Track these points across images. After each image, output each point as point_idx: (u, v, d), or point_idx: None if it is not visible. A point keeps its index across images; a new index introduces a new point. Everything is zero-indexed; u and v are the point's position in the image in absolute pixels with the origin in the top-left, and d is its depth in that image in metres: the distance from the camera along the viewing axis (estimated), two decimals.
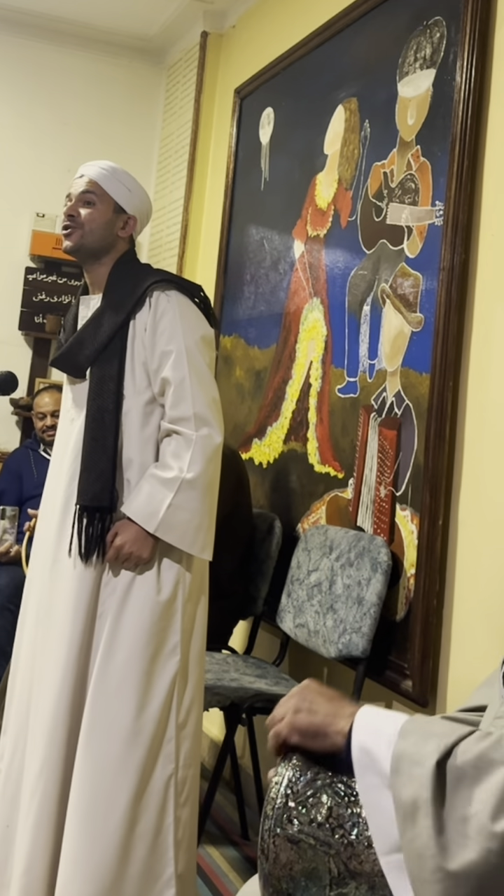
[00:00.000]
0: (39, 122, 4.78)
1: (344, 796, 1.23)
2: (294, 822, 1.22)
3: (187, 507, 2.20)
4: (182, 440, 2.22)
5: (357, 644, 2.48)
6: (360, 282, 2.85)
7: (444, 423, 2.37)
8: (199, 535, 2.23)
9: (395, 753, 1.17)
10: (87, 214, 2.36)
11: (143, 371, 2.28)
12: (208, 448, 2.22)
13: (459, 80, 2.42)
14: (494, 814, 1.08)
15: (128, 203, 2.39)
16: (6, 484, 3.99)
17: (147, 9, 4.46)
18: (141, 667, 2.19)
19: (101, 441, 2.24)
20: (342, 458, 2.88)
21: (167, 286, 2.31)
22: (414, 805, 1.13)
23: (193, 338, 2.27)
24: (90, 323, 2.33)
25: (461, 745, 1.15)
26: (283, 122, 3.56)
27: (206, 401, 2.25)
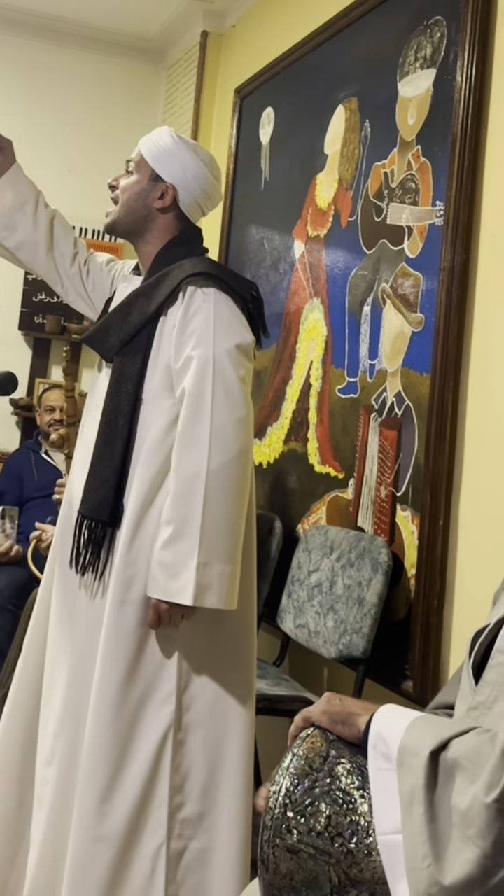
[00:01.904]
0: (39, 122, 4.77)
1: (342, 804, 1.23)
2: (293, 831, 1.22)
3: (219, 559, 1.90)
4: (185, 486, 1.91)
5: (357, 644, 2.48)
6: (361, 282, 2.85)
7: (445, 424, 2.37)
8: (234, 586, 1.92)
9: (400, 748, 1.20)
10: (123, 183, 2.14)
11: (166, 373, 2.01)
12: (223, 480, 1.91)
13: (460, 79, 2.42)
14: (488, 788, 1.10)
15: (166, 169, 2.09)
16: (6, 485, 3.99)
17: (147, 9, 4.46)
18: (119, 714, 1.92)
19: (109, 446, 2.01)
20: (342, 458, 2.88)
21: (205, 282, 2.01)
22: (411, 794, 1.16)
23: (226, 345, 1.96)
24: (120, 307, 2.09)
25: (458, 738, 1.17)
26: (283, 122, 3.55)
27: (228, 421, 1.93)
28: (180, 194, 2.11)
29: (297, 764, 1.26)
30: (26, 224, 2.23)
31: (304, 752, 1.27)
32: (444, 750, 1.17)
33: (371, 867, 1.20)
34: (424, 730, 1.21)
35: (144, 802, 1.93)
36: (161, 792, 1.93)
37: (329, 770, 1.26)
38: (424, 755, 1.16)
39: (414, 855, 1.13)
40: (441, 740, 1.17)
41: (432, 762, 1.16)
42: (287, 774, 1.25)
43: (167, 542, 1.92)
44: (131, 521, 1.99)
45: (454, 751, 1.16)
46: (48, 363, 4.86)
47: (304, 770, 1.26)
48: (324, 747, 1.28)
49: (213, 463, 1.91)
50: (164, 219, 2.13)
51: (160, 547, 1.93)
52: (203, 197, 2.15)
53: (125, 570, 1.99)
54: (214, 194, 2.17)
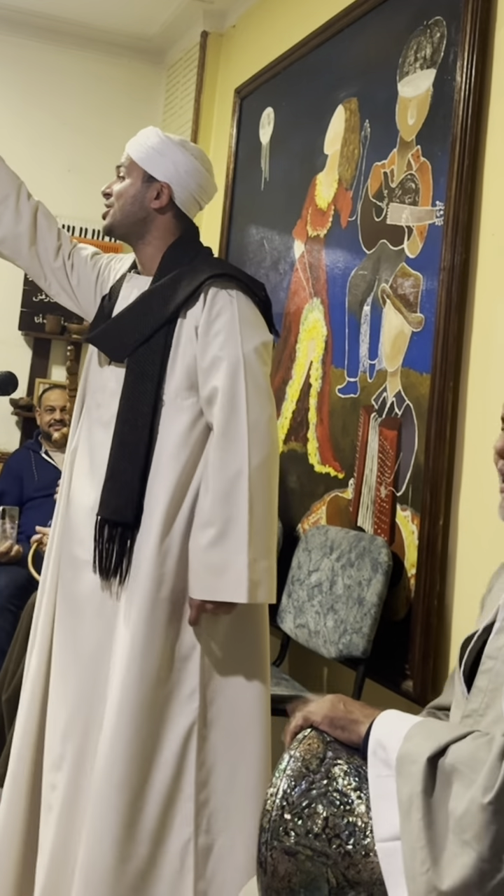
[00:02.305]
0: (39, 122, 4.77)
1: (339, 805, 1.24)
2: (290, 833, 1.22)
3: (263, 555, 1.92)
4: (228, 485, 1.91)
5: (357, 644, 2.48)
6: (361, 282, 2.85)
7: (445, 423, 2.37)
8: (274, 579, 1.94)
9: (398, 756, 1.21)
10: (117, 189, 2.12)
11: (187, 374, 2.00)
12: (263, 478, 1.93)
13: (459, 80, 2.42)
14: (485, 790, 1.11)
15: (158, 169, 2.07)
16: (6, 485, 3.99)
17: (147, 9, 4.46)
18: (145, 712, 1.93)
19: (130, 448, 1.98)
20: (342, 458, 2.88)
21: (228, 283, 2.01)
22: (409, 800, 1.17)
23: (253, 344, 1.98)
24: (134, 307, 2.06)
25: (456, 744, 1.18)
26: (283, 122, 3.56)
27: (262, 417, 1.95)
28: (175, 192, 2.09)
29: (293, 766, 1.26)
30: (9, 217, 2.18)
31: (301, 754, 1.28)
32: (441, 756, 1.17)
33: (369, 868, 1.21)
34: (423, 737, 1.21)
35: (171, 799, 1.93)
36: (187, 788, 1.94)
37: (326, 771, 1.26)
38: (422, 761, 1.17)
39: (413, 861, 1.14)
40: (439, 746, 1.18)
41: (430, 768, 1.17)
42: (284, 776, 1.26)
43: (213, 543, 1.92)
44: (160, 521, 1.98)
45: (452, 756, 1.17)
46: (48, 363, 4.86)
47: (301, 772, 1.26)
48: (321, 749, 1.29)
49: (254, 461, 1.92)
50: (163, 219, 2.11)
51: (205, 548, 1.93)
52: (198, 191, 2.13)
53: (155, 570, 1.97)
54: (209, 186, 2.16)
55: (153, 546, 1.98)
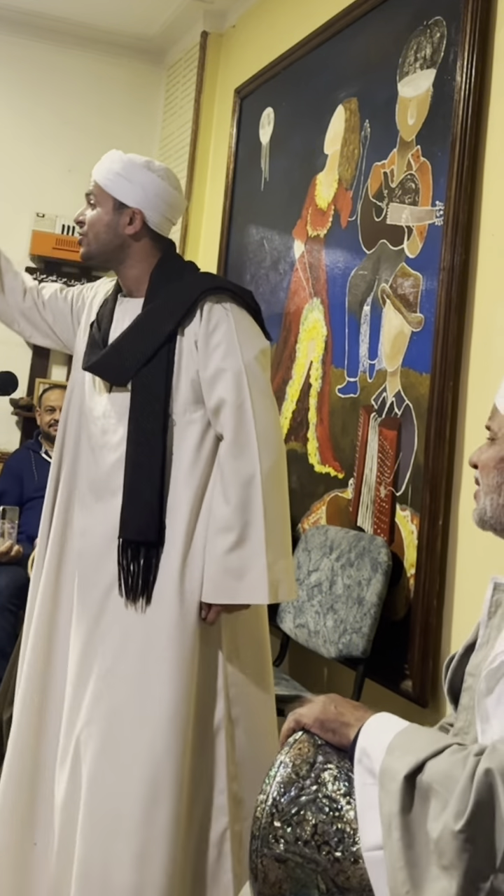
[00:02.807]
0: (40, 122, 4.78)
1: (329, 812, 1.24)
2: (280, 841, 1.23)
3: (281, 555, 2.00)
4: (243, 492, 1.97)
5: (357, 644, 2.48)
6: (360, 282, 2.85)
7: (444, 423, 2.37)
8: (293, 578, 2.03)
9: (380, 769, 1.21)
10: (89, 218, 2.14)
11: (191, 388, 2.04)
12: (275, 481, 2.00)
13: (459, 80, 2.42)
14: (456, 816, 1.11)
15: (128, 195, 2.09)
16: (6, 485, 3.99)
17: (147, 9, 4.46)
18: (180, 710, 1.99)
19: (146, 468, 2.02)
20: (342, 458, 2.88)
21: (221, 295, 2.06)
22: (388, 818, 1.17)
23: (252, 353, 2.03)
24: (131, 330, 2.08)
25: (432, 761, 1.17)
26: (283, 122, 3.56)
27: (270, 423, 2.02)
28: (147, 215, 2.11)
29: (283, 773, 1.27)
30: None
31: (291, 760, 1.28)
32: (419, 772, 1.17)
33: (358, 874, 1.21)
34: (403, 750, 1.21)
35: (208, 793, 2.03)
36: (220, 782, 2.03)
37: (316, 777, 1.27)
38: (399, 779, 1.17)
39: (394, 880, 1.14)
40: (416, 763, 1.17)
41: (408, 786, 1.16)
42: (274, 783, 1.26)
43: (232, 548, 1.98)
44: (182, 536, 2.03)
45: (428, 774, 1.16)
46: (48, 363, 4.86)
47: (291, 778, 1.26)
48: (311, 753, 1.29)
49: (265, 465, 1.99)
50: (140, 244, 2.13)
51: (224, 553, 1.98)
52: (169, 210, 2.15)
53: (183, 584, 2.02)
54: (178, 203, 2.18)
55: (177, 561, 2.02)
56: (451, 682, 1.46)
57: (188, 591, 2.03)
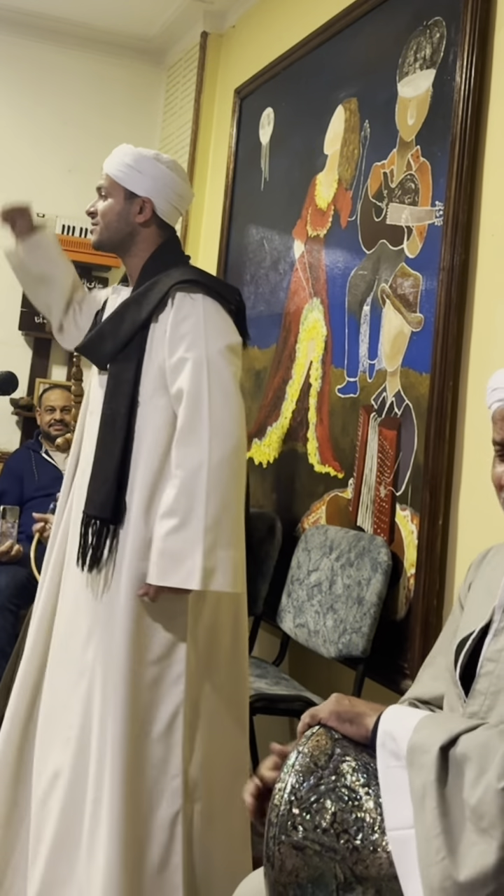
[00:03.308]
0: (40, 122, 4.78)
1: (348, 801, 1.24)
2: (299, 828, 1.22)
3: (222, 545, 2.02)
4: (189, 478, 2.02)
5: (357, 644, 2.49)
6: (360, 282, 2.85)
7: (444, 423, 2.38)
8: (239, 570, 2.06)
9: (409, 746, 1.22)
10: (101, 208, 2.26)
11: (159, 375, 2.12)
12: (225, 472, 2.03)
13: (459, 80, 2.42)
14: (499, 776, 1.12)
15: (138, 185, 2.22)
16: (7, 485, 3.99)
17: (147, 9, 4.46)
18: (135, 694, 2.05)
19: (109, 447, 2.11)
20: (342, 458, 2.88)
21: (192, 288, 2.14)
22: (423, 790, 1.17)
23: (217, 346, 2.09)
24: (112, 317, 2.21)
25: (467, 734, 1.19)
26: (283, 122, 3.56)
27: (225, 416, 2.05)
28: (156, 204, 2.24)
29: (302, 762, 1.27)
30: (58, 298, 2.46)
31: (310, 750, 1.28)
32: (453, 745, 1.18)
33: (377, 864, 1.21)
34: (433, 728, 1.22)
35: (161, 774, 2.06)
36: (174, 765, 2.06)
37: (334, 767, 1.27)
38: (434, 751, 1.18)
39: (427, 850, 1.14)
40: (450, 736, 1.19)
41: (442, 758, 1.17)
42: (293, 772, 1.26)
43: (172, 532, 2.02)
44: (139, 516, 2.09)
45: (463, 745, 1.17)
46: (48, 363, 4.86)
47: (310, 767, 1.26)
48: (329, 745, 1.29)
49: (214, 456, 2.02)
50: (147, 231, 2.25)
51: (163, 536, 2.03)
52: (177, 199, 2.28)
53: (139, 563, 2.08)
54: (186, 193, 2.31)
55: (134, 540, 2.09)
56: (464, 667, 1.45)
57: (144, 570, 2.07)
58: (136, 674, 2.06)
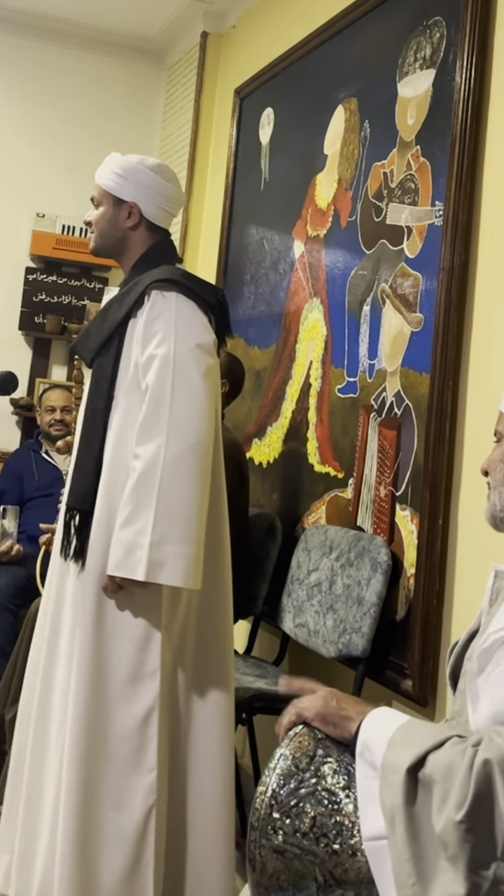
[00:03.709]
0: (40, 122, 4.78)
1: (328, 804, 1.25)
2: (279, 832, 1.24)
3: (173, 539, 2.04)
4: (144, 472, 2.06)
5: (357, 644, 2.49)
6: (360, 282, 2.85)
7: (444, 423, 2.38)
8: (191, 566, 2.06)
9: (381, 762, 1.22)
10: (94, 217, 2.35)
11: (135, 372, 2.17)
12: (180, 467, 2.05)
13: (459, 80, 2.42)
14: (458, 806, 1.12)
15: (123, 191, 2.30)
16: (7, 484, 3.99)
17: (147, 9, 4.46)
18: (111, 689, 2.09)
19: (90, 441, 2.18)
20: (342, 458, 2.88)
21: (167, 286, 2.18)
22: (392, 812, 1.18)
23: (187, 344, 2.11)
24: (97, 315, 2.29)
25: (434, 753, 1.18)
26: (283, 122, 3.56)
27: (186, 413, 2.07)
28: (143, 207, 2.30)
29: (283, 765, 1.28)
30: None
31: (291, 752, 1.29)
32: (421, 766, 1.18)
33: (355, 867, 1.22)
34: (404, 743, 1.22)
35: (133, 770, 2.09)
36: (149, 760, 2.08)
37: (315, 770, 1.27)
38: (402, 772, 1.18)
39: (400, 873, 1.15)
40: (417, 756, 1.18)
41: (410, 779, 1.17)
42: (274, 775, 1.27)
43: (125, 523, 2.07)
44: (102, 507, 2.15)
45: (430, 767, 1.17)
46: (48, 363, 4.87)
47: (291, 770, 1.27)
48: (311, 746, 1.30)
49: (170, 451, 2.05)
50: (137, 234, 2.32)
51: (119, 527, 2.09)
52: (165, 202, 2.32)
53: (101, 555, 2.13)
54: (173, 194, 2.34)
55: (98, 531, 2.15)
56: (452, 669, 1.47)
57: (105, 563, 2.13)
58: (104, 666, 2.09)
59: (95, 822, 2.07)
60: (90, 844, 2.07)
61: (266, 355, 3.46)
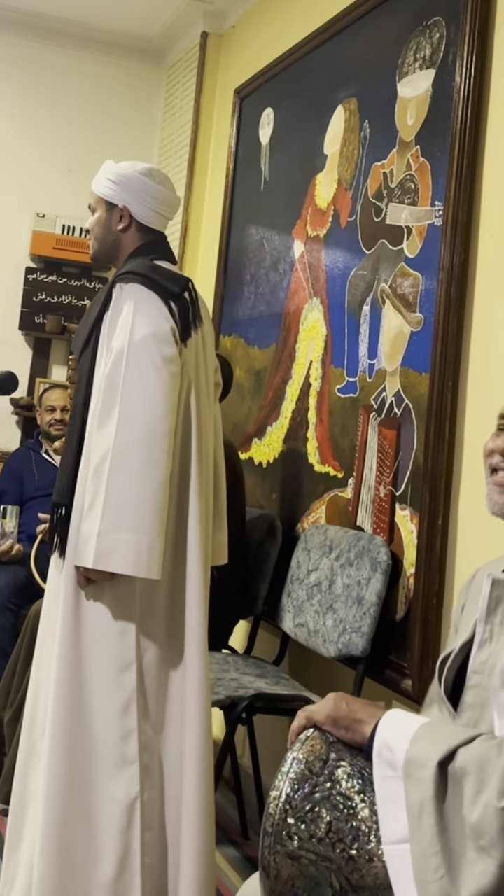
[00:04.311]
0: (40, 123, 4.78)
1: (343, 809, 1.23)
2: (294, 838, 1.22)
3: (123, 528, 2.06)
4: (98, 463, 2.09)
5: (357, 644, 2.49)
6: (360, 282, 2.85)
7: (444, 423, 2.38)
8: (143, 555, 2.07)
9: (406, 759, 1.19)
10: (91, 223, 2.41)
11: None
12: (131, 456, 2.07)
13: (459, 80, 2.42)
14: (500, 794, 1.10)
15: (116, 196, 2.35)
16: (7, 484, 3.99)
17: (147, 9, 4.46)
18: (89, 683, 2.13)
19: (71, 437, 2.22)
20: (342, 457, 2.88)
21: (128, 278, 2.22)
22: (420, 806, 1.16)
23: (141, 333, 2.13)
24: (85, 313, 2.35)
25: (465, 747, 1.17)
26: (283, 122, 3.56)
27: (138, 402, 2.09)
28: (133, 210, 2.34)
29: (296, 769, 1.25)
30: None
31: (304, 756, 1.27)
32: (451, 760, 1.16)
33: (372, 873, 1.20)
34: (430, 740, 1.20)
35: (118, 761, 2.11)
36: (131, 751, 2.11)
37: (329, 774, 1.26)
38: (432, 766, 1.16)
39: (425, 867, 1.12)
40: (448, 750, 1.17)
41: (440, 773, 1.15)
42: (287, 779, 1.25)
43: (84, 515, 2.13)
44: (77, 501, 2.19)
45: (462, 760, 1.15)
46: (48, 363, 4.87)
47: (304, 774, 1.25)
48: (323, 750, 1.28)
49: (120, 441, 2.08)
50: (128, 236, 2.37)
51: (78, 519, 2.15)
52: (156, 203, 2.36)
53: (72, 548, 2.18)
54: (163, 196, 2.37)
55: (74, 525, 2.19)
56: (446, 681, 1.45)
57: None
58: (82, 659, 2.13)
59: (78, 815, 2.10)
60: (73, 839, 2.09)
61: (266, 355, 3.46)
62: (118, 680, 2.14)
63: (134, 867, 2.09)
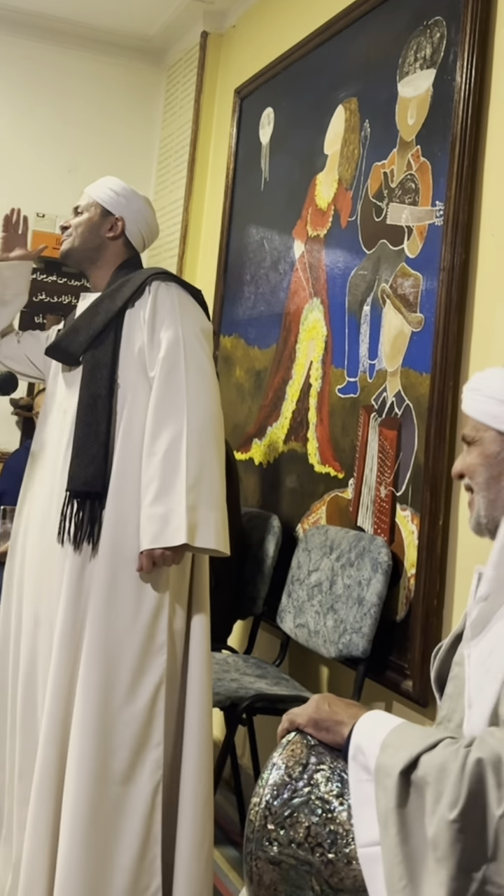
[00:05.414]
0: (40, 122, 4.78)
1: (322, 813, 1.25)
2: (274, 843, 1.24)
3: (205, 505, 2.14)
4: (171, 446, 2.15)
5: (357, 644, 2.48)
6: (360, 282, 2.85)
7: (445, 423, 2.38)
8: (222, 530, 2.16)
9: (375, 766, 1.21)
10: (75, 221, 2.46)
11: (138, 358, 2.26)
12: (203, 438, 2.16)
13: (459, 80, 2.42)
14: (451, 805, 1.12)
15: (113, 205, 2.42)
16: (7, 484, 3.98)
17: (147, 9, 4.46)
18: (122, 664, 2.15)
19: (93, 427, 2.22)
20: (342, 458, 2.88)
21: (168, 279, 2.33)
22: (385, 814, 1.18)
23: (192, 328, 2.26)
24: (86, 312, 2.34)
25: (426, 755, 1.18)
26: (283, 122, 3.56)
27: (201, 390, 2.20)
28: (127, 225, 2.43)
29: (276, 775, 1.28)
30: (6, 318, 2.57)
31: (284, 762, 1.29)
32: (414, 768, 1.17)
33: (351, 875, 1.22)
34: (397, 746, 1.21)
35: (142, 746, 2.15)
36: (157, 735, 2.16)
37: (308, 778, 1.27)
38: (395, 775, 1.17)
39: (391, 875, 1.15)
40: (410, 758, 1.18)
41: (403, 782, 1.17)
42: (267, 786, 1.27)
43: (156, 497, 2.14)
44: (115, 488, 2.21)
45: (423, 769, 1.17)
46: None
47: (284, 780, 1.27)
48: (304, 754, 1.29)
49: (192, 424, 2.16)
50: (115, 245, 2.43)
51: (150, 502, 2.15)
52: (146, 229, 2.47)
53: (115, 535, 2.19)
54: (154, 226, 2.50)
55: (112, 512, 2.20)
56: (437, 672, 1.46)
57: (122, 539, 2.19)
58: (115, 644, 2.15)
59: (104, 800, 2.12)
60: (100, 823, 2.11)
61: (266, 355, 3.46)
62: (151, 662, 2.17)
63: (154, 851, 2.13)
